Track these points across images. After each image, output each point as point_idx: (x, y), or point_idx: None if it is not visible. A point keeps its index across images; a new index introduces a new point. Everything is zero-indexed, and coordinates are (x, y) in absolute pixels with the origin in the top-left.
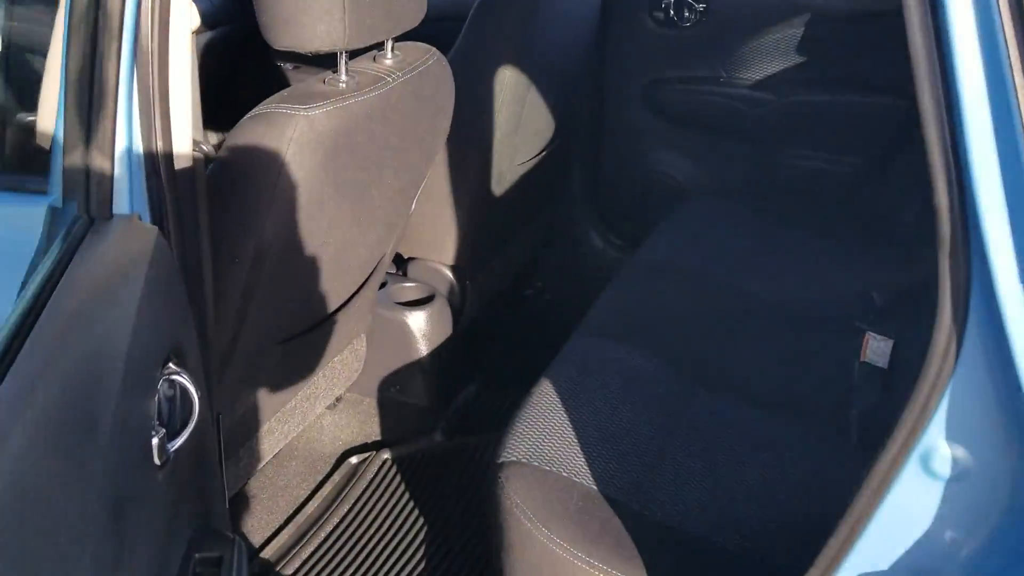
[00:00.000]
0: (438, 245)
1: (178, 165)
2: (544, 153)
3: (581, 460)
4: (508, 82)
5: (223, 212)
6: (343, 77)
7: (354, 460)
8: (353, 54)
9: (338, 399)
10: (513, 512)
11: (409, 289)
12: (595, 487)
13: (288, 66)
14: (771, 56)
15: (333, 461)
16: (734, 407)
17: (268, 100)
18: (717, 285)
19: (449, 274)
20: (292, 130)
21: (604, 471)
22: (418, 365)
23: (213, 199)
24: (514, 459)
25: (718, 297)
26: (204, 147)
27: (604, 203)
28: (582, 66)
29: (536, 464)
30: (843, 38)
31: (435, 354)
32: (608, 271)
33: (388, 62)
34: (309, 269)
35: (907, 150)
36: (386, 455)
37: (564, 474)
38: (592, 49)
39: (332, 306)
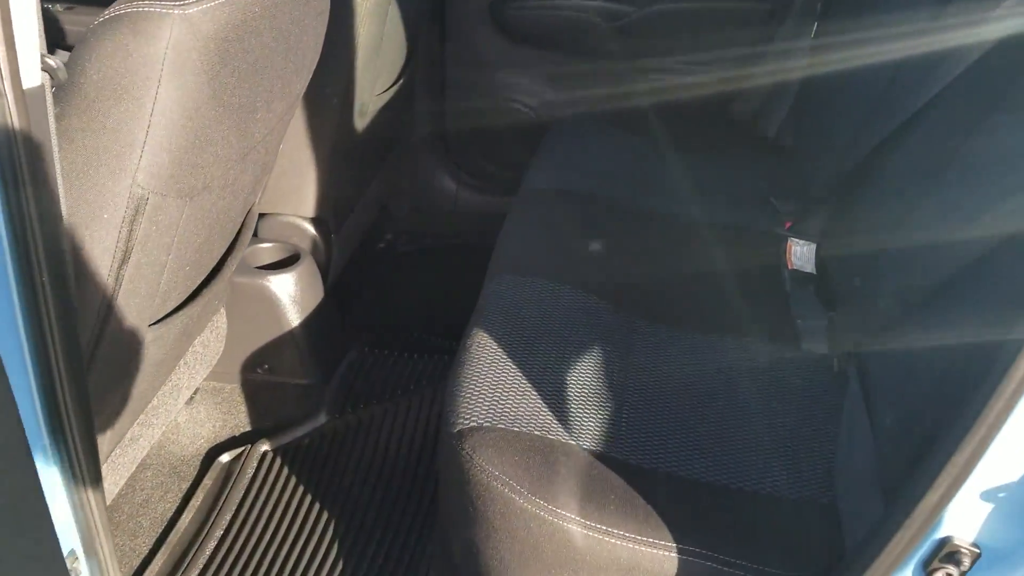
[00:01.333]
0: (296, 195)
1: (25, 84)
2: (400, 82)
3: (547, 414)
4: None
5: (83, 150)
6: None
7: (225, 458)
8: None
9: (195, 391)
10: (492, 486)
11: (266, 250)
12: (573, 442)
13: (59, 7)
14: None
15: (198, 464)
16: (682, 335)
17: None
18: (617, 206)
19: (311, 228)
20: (167, 34)
21: (575, 423)
22: (289, 337)
23: (67, 135)
24: (474, 424)
25: (623, 218)
26: (51, 61)
27: (453, 140)
28: None
29: (502, 426)
30: None
31: (307, 322)
32: (465, 215)
33: None
34: (191, 222)
35: (771, 56)
36: (264, 447)
37: (536, 432)
38: None
39: (206, 271)
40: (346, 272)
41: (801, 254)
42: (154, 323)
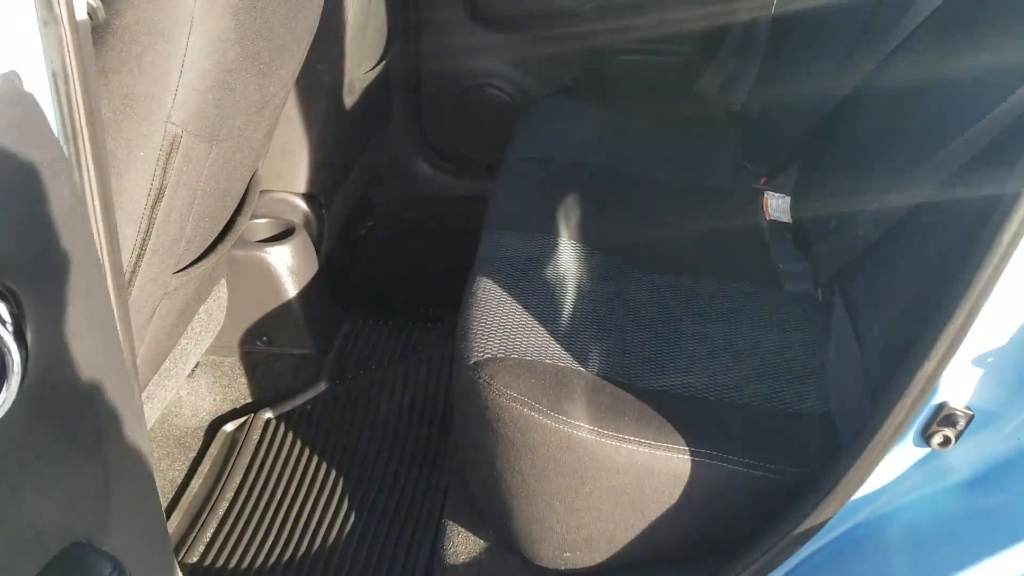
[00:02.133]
0: (289, 172)
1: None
2: (384, 63)
3: (557, 346)
4: None
5: (119, 89)
6: None
7: (229, 428)
8: None
9: (195, 365)
10: (511, 407)
11: (261, 226)
12: (583, 369)
13: None
14: None
15: (202, 435)
16: (675, 280)
17: None
18: (603, 172)
19: (303, 204)
20: None
21: (583, 353)
22: (287, 308)
23: (103, 75)
24: (489, 355)
25: (609, 182)
26: (92, 2)
27: (428, 125)
28: None
29: (515, 356)
30: None
31: (304, 293)
32: (443, 199)
33: None
34: (215, 168)
35: (734, 35)
36: (268, 415)
37: (548, 361)
38: None
39: (221, 224)
40: (333, 253)
41: (777, 206)
42: (178, 271)
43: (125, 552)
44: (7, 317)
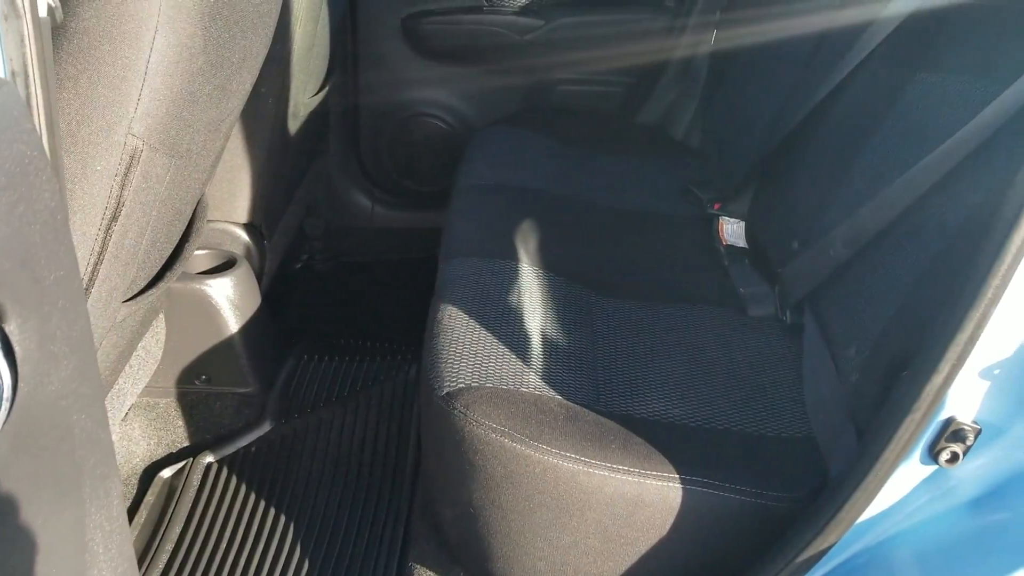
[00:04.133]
0: (230, 201)
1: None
2: (325, 90)
3: (531, 374)
4: None
5: (76, 98)
6: None
7: (166, 474)
8: None
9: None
10: (492, 439)
11: (200, 257)
12: (561, 397)
13: None
14: None
15: (136, 482)
16: (639, 306)
17: None
18: (555, 198)
19: (245, 235)
20: None
21: (559, 381)
22: (228, 345)
23: (61, 81)
24: (463, 385)
25: (563, 208)
26: (50, 2)
27: (367, 157)
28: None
29: (490, 385)
30: None
31: (246, 329)
32: (381, 231)
33: None
34: (172, 186)
35: (674, 64)
36: (208, 458)
37: (525, 389)
38: None
39: (170, 249)
40: (272, 286)
41: (732, 231)
42: (127, 299)
43: None
44: None
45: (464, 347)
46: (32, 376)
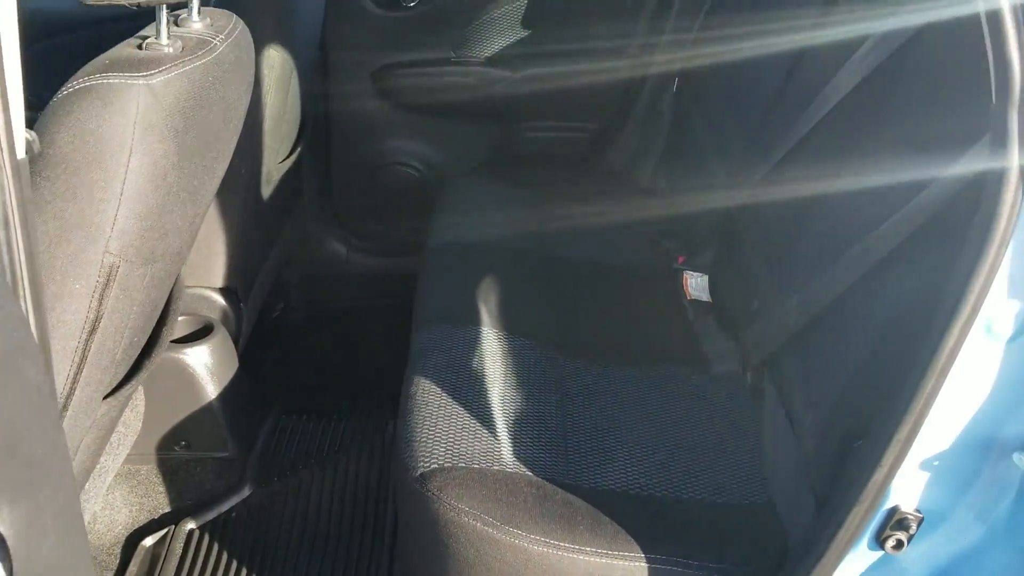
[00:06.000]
0: (204, 266)
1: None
2: (298, 151)
3: (502, 450)
4: (276, 62)
5: (54, 220)
6: (165, 39)
7: (148, 542)
8: (144, 22)
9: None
10: (464, 522)
11: (177, 324)
12: (531, 473)
13: None
14: (501, 31)
15: (119, 551)
16: (605, 370)
17: (84, 70)
18: (523, 254)
19: (221, 300)
20: (135, 103)
21: (529, 455)
22: (207, 410)
23: (38, 205)
24: (435, 466)
25: (531, 265)
26: (27, 134)
27: (341, 206)
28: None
29: (462, 465)
30: (569, 7)
31: (224, 394)
32: (357, 277)
33: (197, 25)
34: (148, 290)
35: (637, 112)
36: (190, 525)
37: (496, 468)
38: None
39: (145, 340)
40: (248, 339)
41: (696, 285)
42: (107, 396)
43: None
44: None
45: (437, 424)
46: (22, 550)
